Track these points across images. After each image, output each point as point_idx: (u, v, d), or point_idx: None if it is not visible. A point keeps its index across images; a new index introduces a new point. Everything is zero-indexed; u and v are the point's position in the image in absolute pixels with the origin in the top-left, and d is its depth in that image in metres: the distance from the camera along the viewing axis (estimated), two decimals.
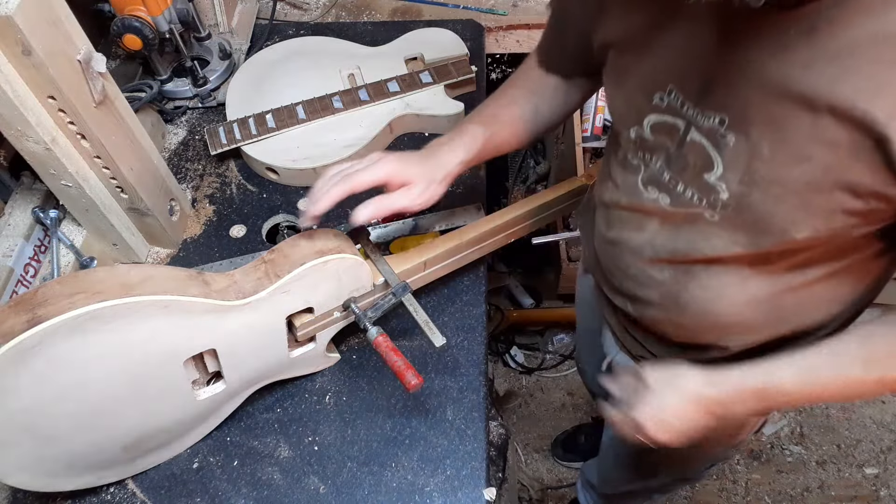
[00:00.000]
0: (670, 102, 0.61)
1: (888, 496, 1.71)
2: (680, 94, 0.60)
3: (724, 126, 0.56)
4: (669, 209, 0.65)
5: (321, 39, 1.22)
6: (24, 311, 0.59)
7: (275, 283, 0.70)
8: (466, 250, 0.89)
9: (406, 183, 0.72)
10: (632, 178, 0.69)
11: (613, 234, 0.75)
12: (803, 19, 0.48)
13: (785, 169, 0.53)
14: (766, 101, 0.52)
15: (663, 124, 0.63)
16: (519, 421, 1.87)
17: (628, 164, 0.69)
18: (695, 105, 0.59)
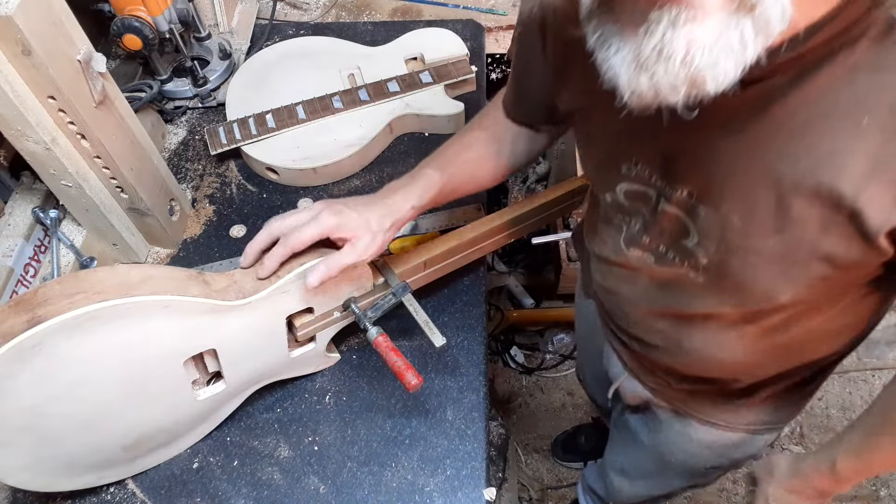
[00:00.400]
0: (638, 173, 0.60)
1: (888, 496, 1.71)
2: (646, 167, 0.59)
3: (693, 198, 0.55)
4: (655, 268, 0.64)
5: (321, 39, 1.22)
6: (24, 311, 0.59)
7: (275, 284, 0.70)
8: (466, 250, 0.89)
9: (348, 238, 0.70)
10: (616, 236, 0.68)
11: (609, 285, 0.75)
12: (756, 99, 0.47)
13: (759, 240, 0.52)
14: (730, 177, 0.51)
15: (635, 192, 0.61)
16: (519, 421, 1.87)
17: (610, 222, 0.69)
18: (661, 177, 0.57)
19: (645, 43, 0.37)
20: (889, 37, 0.41)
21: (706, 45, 0.36)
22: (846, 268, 0.51)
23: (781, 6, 0.35)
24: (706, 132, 0.51)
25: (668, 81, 0.37)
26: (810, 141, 0.45)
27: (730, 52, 0.36)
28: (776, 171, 0.48)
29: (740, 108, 0.47)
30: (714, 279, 0.59)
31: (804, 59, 0.44)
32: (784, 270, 0.53)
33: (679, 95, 0.38)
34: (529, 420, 1.87)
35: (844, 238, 0.48)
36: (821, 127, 0.45)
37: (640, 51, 0.37)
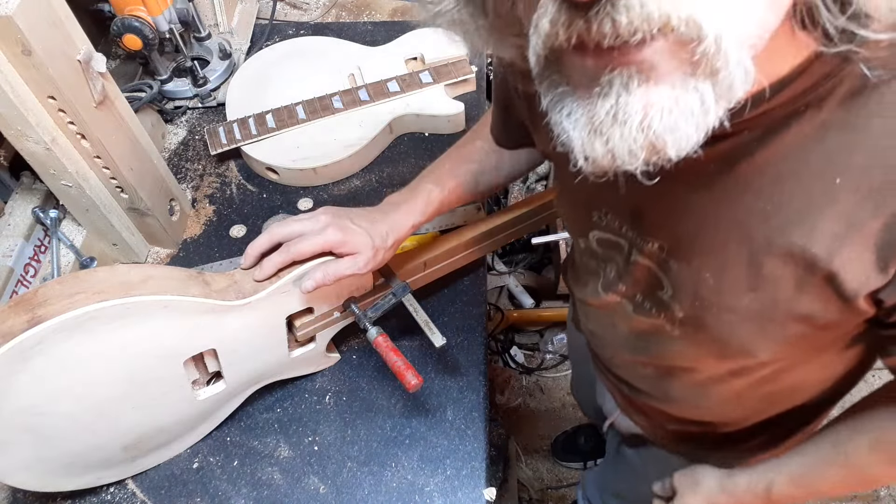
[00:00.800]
0: (608, 222, 0.58)
1: (888, 496, 1.71)
2: (616, 218, 0.57)
3: (664, 252, 0.53)
4: (634, 316, 0.62)
5: (321, 39, 1.22)
6: (24, 311, 0.59)
7: (275, 284, 0.70)
8: (466, 250, 0.89)
9: (350, 253, 0.71)
10: (594, 280, 0.67)
11: (592, 328, 0.74)
12: (723, 156, 0.44)
13: (732, 298, 0.50)
14: (699, 234, 0.49)
15: (608, 240, 0.60)
16: (519, 421, 1.87)
17: (587, 266, 0.67)
18: (631, 229, 0.56)
19: (599, 106, 0.34)
20: (861, 94, 0.39)
21: (664, 109, 0.33)
22: (825, 327, 0.49)
23: (744, 69, 0.32)
24: (672, 188, 0.48)
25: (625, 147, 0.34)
26: (780, 199, 0.43)
27: (690, 117, 0.33)
28: (746, 228, 0.46)
29: (706, 164, 0.44)
30: (691, 333, 0.56)
31: (771, 116, 0.42)
32: (760, 328, 0.51)
33: (638, 161, 0.34)
34: (529, 420, 1.87)
35: (821, 299, 0.46)
36: (790, 185, 0.43)
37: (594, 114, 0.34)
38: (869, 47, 0.36)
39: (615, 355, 0.74)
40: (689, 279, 0.52)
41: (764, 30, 0.33)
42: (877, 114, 0.39)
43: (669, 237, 0.52)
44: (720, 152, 0.44)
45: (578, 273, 0.72)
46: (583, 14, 0.30)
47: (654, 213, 0.52)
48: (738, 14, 0.31)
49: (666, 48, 0.31)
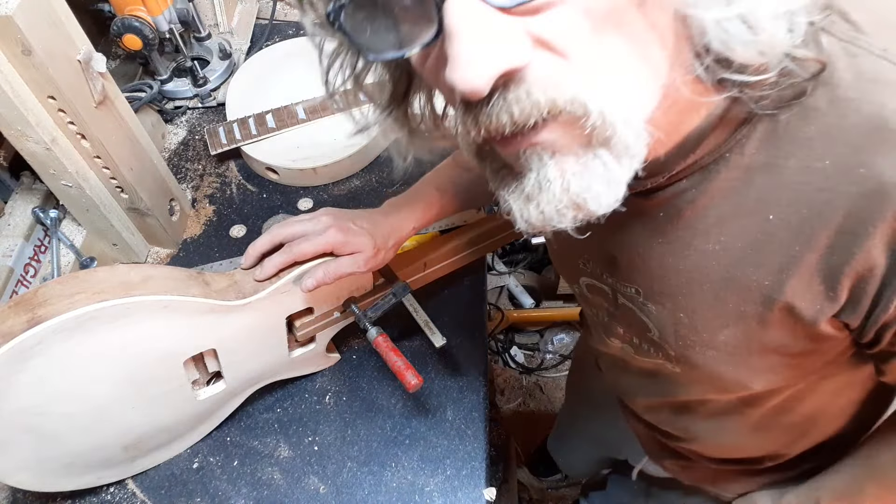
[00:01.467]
0: (591, 269, 0.60)
1: None
2: (596, 265, 0.59)
3: (641, 296, 0.55)
4: (637, 358, 0.64)
5: None
6: (24, 311, 0.59)
7: (275, 284, 0.70)
8: (466, 250, 0.89)
9: (352, 252, 0.71)
10: (597, 326, 0.69)
11: (611, 375, 0.75)
12: (667, 203, 0.47)
13: (710, 335, 0.52)
14: (664, 278, 0.51)
15: (594, 286, 0.62)
16: (519, 421, 1.87)
17: (589, 314, 0.69)
18: (610, 275, 0.58)
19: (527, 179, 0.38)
20: (774, 135, 0.41)
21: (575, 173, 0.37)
22: (804, 355, 0.50)
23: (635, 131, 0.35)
24: (633, 237, 0.51)
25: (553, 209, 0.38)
26: (726, 240, 0.46)
27: (599, 177, 0.37)
28: (704, 269, 0.48)
29: (655, 213, 0.48)
30: (687, 370, 0.58)
31: (700, 164, 0.44)
32: (744, 361, 0.52)
33: (567, 219, 0.38)
34: (529, 420, 1.87)
35: (786, 329, 0.47)
36: (732, 226, 0.45)
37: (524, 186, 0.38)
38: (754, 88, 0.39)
39: (637, 401, 0.74)
40: (668, 320, 0.54)
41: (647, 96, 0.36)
42: (791, 154, 0.41)
43: (641, 282, 0.54)
44: (663, 201, 0.47)
45: (587, 320, 0.74)
46: (483, 110, 0.34)
47: (624, 259, 0.54)
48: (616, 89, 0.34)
49: (559, 127, 0.35)
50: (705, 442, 0.71)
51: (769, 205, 0.43)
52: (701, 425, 0.68)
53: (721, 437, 0.69)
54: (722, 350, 0.52)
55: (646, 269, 0.52)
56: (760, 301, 0.46)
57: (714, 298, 0.49)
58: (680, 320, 0.53)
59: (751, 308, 0.47)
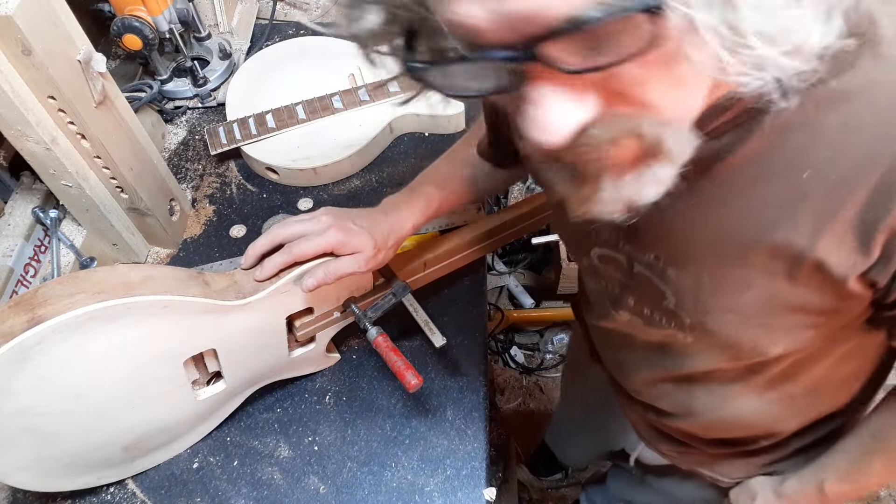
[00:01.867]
0: (606, 239, 0.60)
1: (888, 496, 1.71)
2: (612, 233, 0.59)
3: (661, 262, 0.55)
4: (646, 329, 0.63)
5: (321, 39, 1.22)
6: (24, 311, 0.59)
7: (275, 284, 0.70)
8: (466, 250, 0.89)
9: (352, 252, 0.71)
10: (603, 300, 0.68)
11: (609, 354, 0.74)
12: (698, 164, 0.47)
13: (732, 298, 0.51)
14: (690, 240, 0.51)
15: (607, 257, 0.61)
16: (519, 421, 1.87)
17: (595, 288, 0.68)
18: (627, 243, 0.57)
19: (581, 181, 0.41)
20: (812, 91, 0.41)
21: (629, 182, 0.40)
22: (827, 314, 0.51)
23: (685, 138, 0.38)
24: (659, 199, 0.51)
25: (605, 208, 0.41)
26: (757, 197, 0.46)
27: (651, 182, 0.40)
28: (732, 228, 0.48)
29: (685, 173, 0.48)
30: (701, 338, 0.58)
31: (734, 122, 0.45)
32: (765, 325, 0.52)
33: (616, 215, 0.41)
34: (529, 420, 1.87)
35: (814, 287, 0.48)
36: (765, 185, 0.45)
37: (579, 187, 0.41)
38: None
39: (635, 378, 0.73)
40: (688, 285, 0.53)
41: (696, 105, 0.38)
42: (830, 111, 0.41)
43: (663, 247, 0.54)
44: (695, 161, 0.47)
45: (588, 296, 0.73)
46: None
47: (645, 226, 0.53)
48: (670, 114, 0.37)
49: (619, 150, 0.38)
50: (703, 418, 0.71)
51: (805, 163, 0.43)
52: (703, 399, 0.68)
53: (722, 410, 0.68)
54: (742, 313, 0.52)
55: (671, 233, 0.52)
56: (791, 258, 0.46)
57: (742, 258, 0.49)
58: (701, 285, 0.52)
59: (780, 266, 0.47)
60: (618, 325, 0.68)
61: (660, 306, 0.59)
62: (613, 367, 0.79)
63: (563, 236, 0.71)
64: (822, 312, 0.50)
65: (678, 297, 0.56)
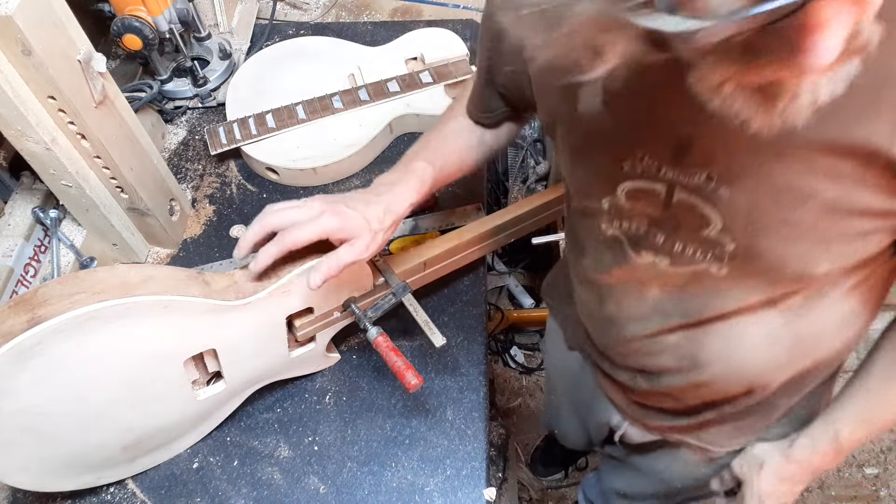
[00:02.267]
0: (644, 168, 0.57)
1: (888, 496, 1.71)
2: (653, 159, 0.56)
3: (714, 181, 0.53)
4: (670, 270, 0.61)
5: (321, 39, 1.22)
6: (24, 311, 0.59)
7: (275, 283, 0.70)
8: (466, 250, 0.89)
9: (348, 238, 0.69)
10: (616, 248, 0.65)
11: (610, 310, 0.71)
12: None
13: (790, 210, 0.51)
14: (754, 151, 0.50)
15: (640, 190, 0.59)
16: (519, 421, 1.87)
17: (605, 234, 0.65)
18: (673, 166, 0.55)
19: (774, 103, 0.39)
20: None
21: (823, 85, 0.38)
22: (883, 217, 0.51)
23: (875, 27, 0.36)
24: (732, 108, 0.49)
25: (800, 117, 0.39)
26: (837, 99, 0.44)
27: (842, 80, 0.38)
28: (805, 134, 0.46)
29: None
30: (741, 266, 0.57)
31: None
32: (820, 237, 0.52)
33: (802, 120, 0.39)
34: (529, 420, 1.87)
35: (883, 188, 0.48)
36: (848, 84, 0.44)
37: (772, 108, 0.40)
38: None
39: (637, 335, 0.70)
40: (742, 204, 0.53)
41: None
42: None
43: (721, 163, 0.52)
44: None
45: (588, 251, 0.70)
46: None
47: (704, 141, 0.52)
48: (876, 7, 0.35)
49: None
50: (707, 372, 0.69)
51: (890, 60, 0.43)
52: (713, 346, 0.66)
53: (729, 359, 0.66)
54: (799, 227, 0.52)
55: (732, 147, 0.51)
56: (863, 159, 0.47)
57: (808, 164, 0.48)
58: (757, 201, 0.52)
59: (849, 169, 0.47)
60: (631, 273, 0.65)
61: (697, 237, 0.57)
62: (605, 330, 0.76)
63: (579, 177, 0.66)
64: (884, 215, 0.50)
65: (727, 220, 0.54)
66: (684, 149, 0.54)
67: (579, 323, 0.82)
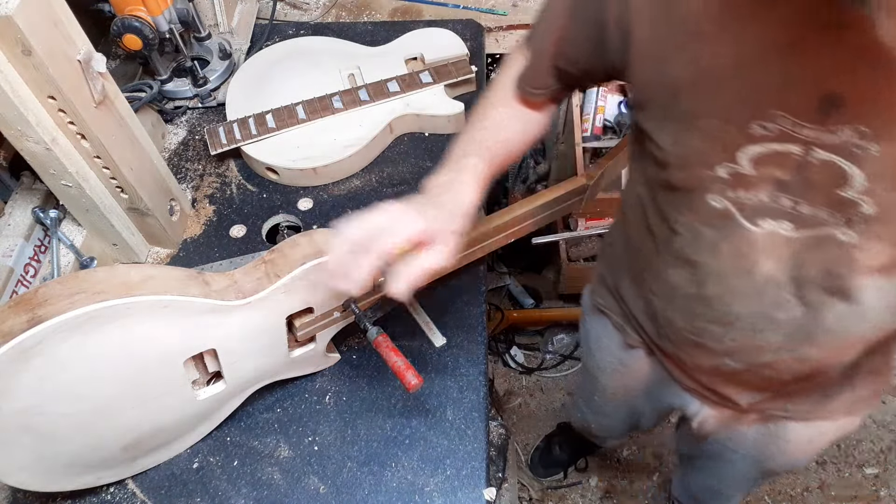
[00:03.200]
0: (779, 127, 0.54)
1: (888, 496, 1.71)
2: (789, 118, 0.53)
3: (865, 138, 0.51)
4: (794, 236, 0.59)
5: (321, 39, 1.22)
6: (24, 311, 0.59)
7: (275, 283, 0.70)
8: (466, 250, 0.89)
9: (430, 241, 0.63)
10: (724, 222, 0.62)
11: (711, 290, 0.67)
12: None
13: None
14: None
15: (771, 153, 0.56)
16: (519, 421, 1.87)
17: (710, 208, 0.62)
18: (816, 123, 0.53)
19: None
20: None
21: None
22: None
23: None
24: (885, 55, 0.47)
25: None
26: None
27: None
28: None
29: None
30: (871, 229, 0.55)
31: None
32: None
33: None
34: (529, 420, 1.87)
35: None
36: None
37: None
38: None
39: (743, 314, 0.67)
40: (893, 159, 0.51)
41: None
42: None
43: (877, 116, 0.50)
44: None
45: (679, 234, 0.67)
46: None
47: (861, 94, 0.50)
48: None
49: None
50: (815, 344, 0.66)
51: None
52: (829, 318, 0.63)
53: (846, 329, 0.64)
54: None
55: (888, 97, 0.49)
56: None
57: None
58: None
59: None
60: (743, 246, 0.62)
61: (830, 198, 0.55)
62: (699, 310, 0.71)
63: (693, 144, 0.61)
64: None
65: (871, 178, 0.52)
66: (834, 102, 0.51)
67: (651, 316, 0.79)
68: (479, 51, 1.24)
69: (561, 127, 1.72)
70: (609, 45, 0.62)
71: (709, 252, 0.65)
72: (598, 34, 0.63)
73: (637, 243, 0.78)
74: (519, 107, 0.77)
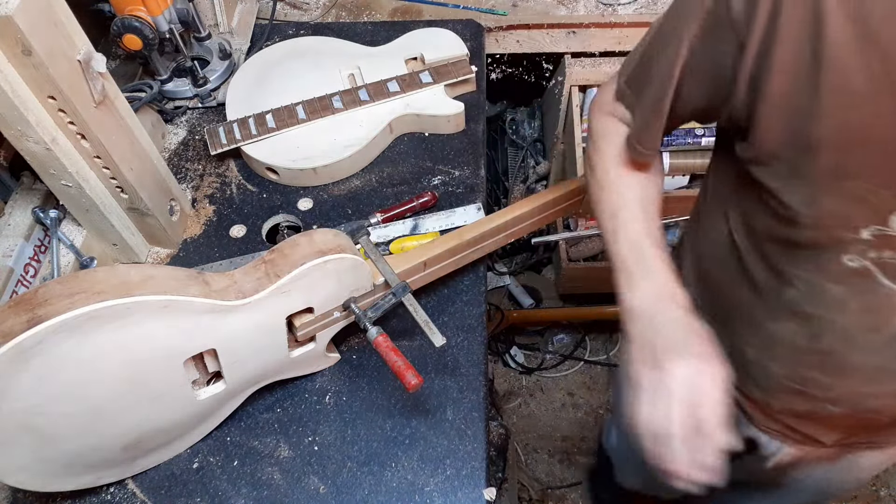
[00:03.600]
0: None
1: (888, 496, 1.71)
2: None
3: None
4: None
5: (321, 39, 1.22)
6: (24, 311, 0.59)
7: (275, 283, 0.70)
8: (466, 250, 0.89)
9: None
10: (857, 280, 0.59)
11: (828, 344, 0.65)
12: None
13: None
14: None
15: None
16: (519, 421, 1.87)
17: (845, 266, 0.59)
18: None
19: None
20: None
21: None
22: None
23: None
24: None
25: None
26: None
27: None
28: None
29: None
30: None
31: None
32: None
33: None
34: (529, 420, 1.87)
35: None
36: None
37: None
38: None
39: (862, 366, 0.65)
40: None
41: None
42: None
43: None
44: None
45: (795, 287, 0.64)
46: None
47: None
48: None
49: None
50: None
51: None
52: None
53: None
54: None
55: None
56: None
57: None
58: None
59: None
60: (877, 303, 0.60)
61: None
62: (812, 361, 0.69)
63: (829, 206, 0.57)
64: None
65: None
66: None
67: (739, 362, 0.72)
68: (479, 51, 1.24)
69: (561, 127, 1.72)
70: (733, 101, 0.58)
71: (835, 308, 0.63)
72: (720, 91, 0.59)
73: (722, 286, 0.74)
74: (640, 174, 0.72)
